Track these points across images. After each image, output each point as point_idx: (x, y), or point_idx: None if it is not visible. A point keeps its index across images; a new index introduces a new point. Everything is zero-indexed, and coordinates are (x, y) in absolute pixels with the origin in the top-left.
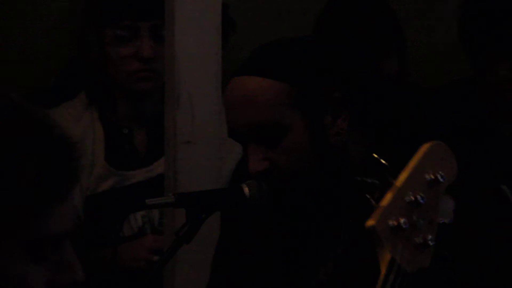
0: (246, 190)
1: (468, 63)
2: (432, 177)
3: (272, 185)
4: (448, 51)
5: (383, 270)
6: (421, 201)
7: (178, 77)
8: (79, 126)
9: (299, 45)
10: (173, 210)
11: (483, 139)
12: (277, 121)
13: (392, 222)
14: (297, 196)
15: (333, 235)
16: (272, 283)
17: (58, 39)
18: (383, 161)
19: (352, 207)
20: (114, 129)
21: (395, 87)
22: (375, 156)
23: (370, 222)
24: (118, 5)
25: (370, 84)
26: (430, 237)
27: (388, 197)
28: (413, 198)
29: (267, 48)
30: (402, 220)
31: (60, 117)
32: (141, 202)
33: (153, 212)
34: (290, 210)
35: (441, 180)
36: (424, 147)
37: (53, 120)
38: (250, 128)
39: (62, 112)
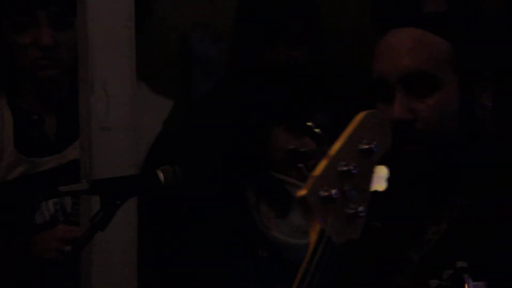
0: (161, 175)
1: None
2: (366, 146)
3: (413, 138)
4: None
5: (313, 241)
6: (354, 171)
7: (92, 63)
8: None
9: (470, 14)
10: (89, 197)
11: None
12: (434, 73)
13: (323, 193)
14: (435, 155)
15: (449, 199)
16: (385, 234)
17: None
18: (318, 131)
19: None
20: (24, 115)
21: None
22: (309, 124)
23: (301, 192)
24: None
25: None
26: (361, 208)
27: (320, 167)
28: (345, 168)
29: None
30: (333, 191)
31: None
32: (55, 189)
33: (66, 199)
34: (425, 167)
35: (375, 150)
36: (359, 116)
37: None
38: (406, 74)
39: None
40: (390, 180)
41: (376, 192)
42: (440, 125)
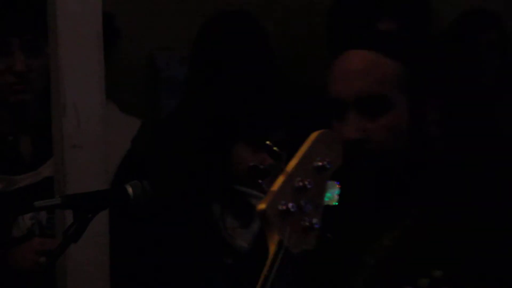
0: (130, 190)
1: None
2: (320, 163)
3: (364, 157)
4: None
5: (272, 251)
6: (309, 186)
7: (63, 87)
8: None
9: (420, 36)
10: (63, 211)
11: None
12: (385, 95)
13: (281, 206)
14: (383, 172)
15: (402, 208)
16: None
17: None
18: (276, 149)
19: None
20: (1, 137)
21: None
22: (268, 143)
23: (261, 206)
24: None
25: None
26: (315, 220)
27: (278, 183)
28: (301, 184)
29: (390, 31)
30: (290, 205)
31: None
32: (30, 205)
33: (41, 214)
34: (375, 179)
35: (327, 166)
36: (313, 135)
37: None
38: (358, 97)
39: None
40: (344, 190)
41: (328, 206)
42: (391, 144)
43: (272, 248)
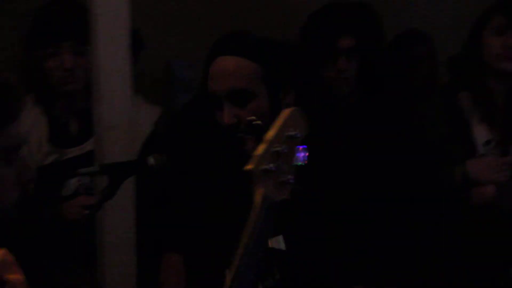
0: (151, 161)
1: None
2: (291, 133)
3: (239, 136)
4: None
5: (258, 201)
6: (284, 151)
7: (102, 81)
8: (30, 118)
9: (272, 42)
10: (101, 176)
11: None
12: (249, 89)
13: (263, 166)
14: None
15: None
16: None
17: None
18: (258, 122)
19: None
20: (55, 119)
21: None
22: (251, 118)
23: (249, 167)
24: (46, 31)
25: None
26: (289, 177)
27: (261, 148)
28: (278, 149)
29: (250, 38)
30: (270, 165)
31: None
32: (76, 171)
33: (85, 177)
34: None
35: (297, 135)
36: (286, 112)
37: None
38: (229, 91)
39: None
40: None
41: (298, 166)
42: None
43: (258, 199)
